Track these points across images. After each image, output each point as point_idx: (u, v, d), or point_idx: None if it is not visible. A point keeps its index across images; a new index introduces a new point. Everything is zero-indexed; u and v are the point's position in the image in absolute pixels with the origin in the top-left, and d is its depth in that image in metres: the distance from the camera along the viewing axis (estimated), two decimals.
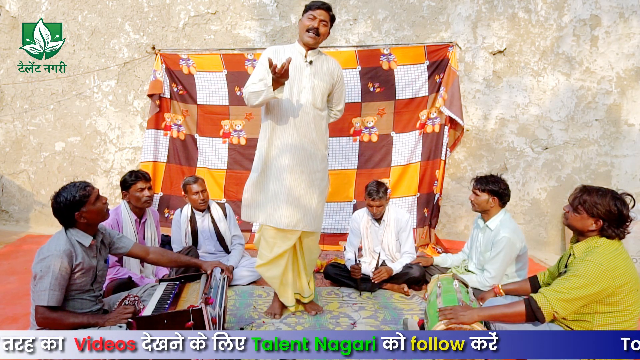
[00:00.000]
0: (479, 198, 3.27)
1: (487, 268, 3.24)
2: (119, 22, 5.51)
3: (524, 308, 2.20)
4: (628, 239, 4.19)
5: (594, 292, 2.11)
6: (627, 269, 2.15)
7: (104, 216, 2.50)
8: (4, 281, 3.90)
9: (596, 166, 4.99)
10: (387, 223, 3.79)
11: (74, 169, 5.75)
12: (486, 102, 5.16)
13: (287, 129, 2.95)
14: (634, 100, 4.88)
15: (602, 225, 2.22)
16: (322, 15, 2.92)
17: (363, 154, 4.97)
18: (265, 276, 3.14)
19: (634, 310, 2.18)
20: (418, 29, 5.16)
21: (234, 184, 5.09)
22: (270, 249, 3.02)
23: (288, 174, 2.94)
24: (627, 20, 4.82)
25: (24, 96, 5.72)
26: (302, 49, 3.00)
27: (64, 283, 2.30)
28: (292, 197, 2.94)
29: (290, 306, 3.20)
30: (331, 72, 3.05)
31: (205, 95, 5.05)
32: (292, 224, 2.94)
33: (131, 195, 3.42)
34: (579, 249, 2.30)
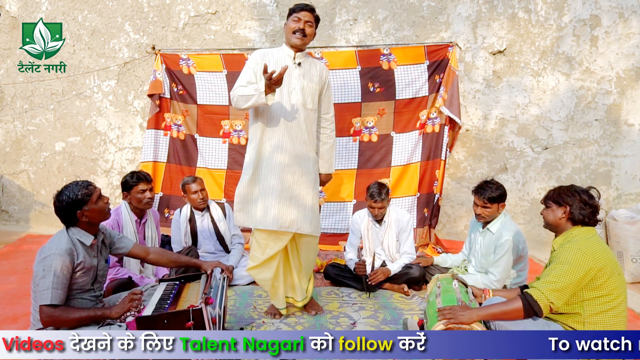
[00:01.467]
0: (489, 210, 3.24)
1: (491, 271, 3.24)
2: (119, 22, 5.51)
3: (521, 304, 2.22)
4: (628, 239, 4.23)
5: (580, 277, 2.17)
6: (603, 253, 2.25)
7: (106, 215, 2.50)
8: (4, 281, 3.90)
9: (596, 166, 4.99)
10: (388, 224, 3.79)
11: (74, 169, 5.75)
12: (486, 102, 5.16)
13: (277, 130, 2.94)
14: (634, 100, 4.88)
15: (569, 209, 2.34)
16: (307, 17, 2.96)
17: (363, 154, 4.97)
18: (257, 278, 3.12)
19: (619, 295, 2.24)
20: (418, 29, 5.16)
21: (234, 184, 5.03)
22: (262, 250, 3.01)
23: (280, 176, 2.93)
24: (627, 20, 4.82)
25: (24, 96, 5.72)
26: (290, 52, 3.03)
27: (65, 282, 2.30)
28: (285, 199, 2.92)
29: (282, 309, 3.18)
30: (319, 73, 3.08)
31: (205, 95, 5.05)
32: (285, 225, 2.92)
33: (132, 197, 3.43)
34: (557, 242, 2.41)
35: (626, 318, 2.29)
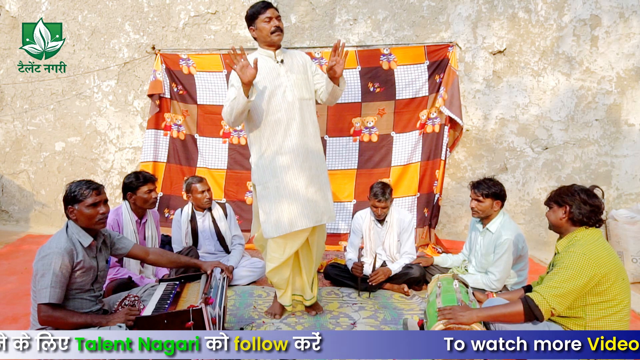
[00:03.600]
0: (482, 204, 3.25)
1: (491, 271, 3.24)
2: (119, 22, 5.51)
3: (522, 307, 2.21)
4: (628, 239, 4.24)
5: (584, 283, 2.15)
6: (609, 258, 2.21)
7: (94, 224, 2.45)
8: (4, 281, 3.90)
9: (596, 166, 4.99)
10: (390, 224, 3.79)
11: (74, 169, 5.75)
12: (486, 102, 5.16)
13: (280, 131, 2.95)
14: (634, 100, 4.88)
15: (569, 209, 2.31)
16: (274, 13, 2.98)
17: (363, 154, 4.97)
18: (275, 279, 3.11)
19: (623, 300, 2.22)
20: (418, 29, 5.16)
21: (234, 184, 5.08)
22: (282, 250, 3.01)
23: (298, 176, 2.95)
24: (627, 20, 4.82)
25: (24, 96, 5.72)
26: (269, 52, 3.03)
27: (64, 281, 2.30)
28: (310, 195, 2.97)
29: (288, 306, 3.20)
30: (302, 62, 3.10)
31: (205, 95, 5.05)
32: (317, 219, 2.98)
33: (138, 197, 3.41)
34: (561, 245, 2.37)
35: (629, 322, 2.26)
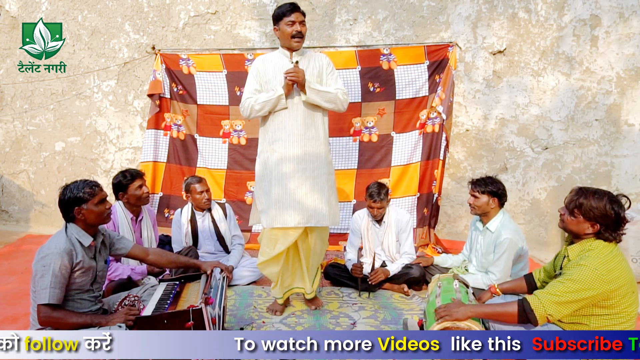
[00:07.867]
0: (479, 200, 3.26)
1: (491, 270, 3.24)
2: (119, 22, 5.51)
3: (517, 309, 2.17)
4: (628, 239, 4.22)
5: (589, 297, 2.09)
6: (622, 272, 2.13)
7: (104, 220, 2.50)
8: (4, 281, 3.90)
9: (596, 166, 4.99)
10: (388, 224, 3.79)
11: (74, 169, 5.75)
12: (486, 102, 5.16)
13: (282, 130, 3.03)
14: (634, 100, 4.88)
15: (599, 229, 2.18)
16: (299, 17, 3.02)
17: (363, 154, 4.97)
18: (265, 272, 3.26)
19: (631, 312, 2.17)
20: (418, 29, 5.16)
21: (234, 184, 5.08)
22: (273, 246, 3.10)
23: (295, 173, 3.01)
24: (627, 20, 4.82)
25: (24, 96, 5.72)
26: (286, 52, 3.11)
27: (64, 281, 2.30)
28: (299, 195, 3.01)
29: (279, 299, 3.27)
30: (318, 64, 3.14)
31: (205, 95, 5.05)
32: (302, 221, 3.01)
33: (130, 195, 3.42)
34: (573, 251, 2.26)
35: None
